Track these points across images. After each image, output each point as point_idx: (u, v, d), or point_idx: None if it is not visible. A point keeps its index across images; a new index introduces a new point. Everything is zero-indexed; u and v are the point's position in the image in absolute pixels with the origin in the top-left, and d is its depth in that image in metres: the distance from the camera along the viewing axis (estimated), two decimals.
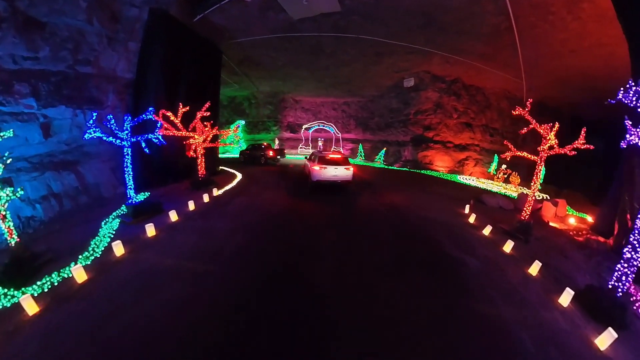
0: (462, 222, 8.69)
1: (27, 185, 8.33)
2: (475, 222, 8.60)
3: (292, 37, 14.41)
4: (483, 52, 14.97)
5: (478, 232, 7.77)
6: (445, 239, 7.16)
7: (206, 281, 4.85)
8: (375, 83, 22.64)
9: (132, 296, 4.41)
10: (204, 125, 11.09)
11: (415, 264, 5.92)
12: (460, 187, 15.61)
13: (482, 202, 11.19)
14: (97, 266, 5.34)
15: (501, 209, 10.69)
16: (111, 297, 4.44)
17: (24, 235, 7.49)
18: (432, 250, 6.57)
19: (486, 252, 6.52)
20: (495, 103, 22.31)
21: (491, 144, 22.81)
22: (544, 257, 6.28)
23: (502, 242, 6.95)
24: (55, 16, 8.04)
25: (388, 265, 5.76)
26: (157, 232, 6.54)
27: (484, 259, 6.17)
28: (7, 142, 8.02)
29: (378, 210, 9.59)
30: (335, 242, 6.80)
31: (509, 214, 10.09)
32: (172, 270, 5.10)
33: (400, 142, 23.85)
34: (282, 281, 5.05)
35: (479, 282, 5.24)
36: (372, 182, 14.63)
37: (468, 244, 6.94)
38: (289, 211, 8.97)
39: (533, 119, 7.35)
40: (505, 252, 6.49)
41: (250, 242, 6.47)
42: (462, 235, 7.50)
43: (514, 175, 16.39)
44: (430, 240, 7.07)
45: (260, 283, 4.91)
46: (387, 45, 15.07)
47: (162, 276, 4.93)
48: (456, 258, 6.11)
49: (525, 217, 7.63)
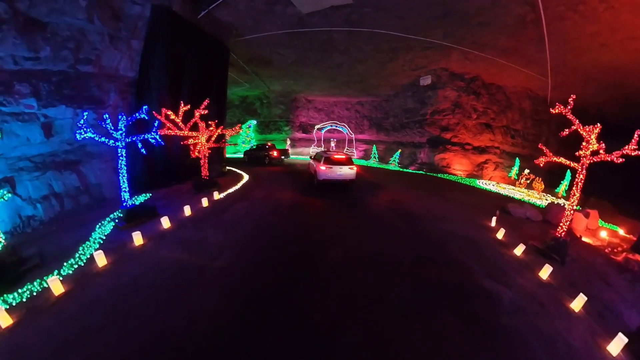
0: (490, 238, 7.66)
1: (28, 184, 8.32)
2: (504, 238, 7.59)
3: (302, 33, 13.81)
4: (506, 46, 13.78)
5: (509, 252, 6.74)
6: (473, 262, 6.07)
7: (180, 310, 4.18)
8: (390, 82, 21.71)
9: (103, 318, 4.00)
10: (207, 125, 10.78)
11: (439, 299, 4.76)
12: (481, 193, 14.46)
13: (508, 212, 10.15)
14: (78, 277, 5.04)
15: (529, 221, 9.62)
16: (82, 316, 4.05)
17: (22, 235, 7.47)
18: (458, 278, 5.44)
19: (521, 279, 5.51)
20: (516, 103, 20.81)
21: (512, 146, 21.31)
22: (584, 284, 5.37)
23: (537, 264, 6.01)
24: (56, 16, 7.94)
25: (405, 303, 4.63)
26: (145, 241, 6.17)
27: (520, 289, 5.16)
28: (9, 142, 8.16)
29: (394, 224, 8.31)
30: (340, 266, 5.73)
31: (538, 226, 9.02)
32: (148, 291, 4.61)
33: (416, 143, 22.77)
34: (269, 321, 4.04)
35: (515, 324, 4.25)
36: (387, 187, 13.73)
37: (499, 268, 5.91)
38: (291, 221, 8.12)
39: (576, 119, 6.34)
40: (542, 280, 5.51)
41: (239, 262, 5.58)
42: (491, 256, 6.46)
43: (537, 181, 15.03)
44: (455, 265, 5.95)
45: (237, 323, 3.99)
46: (403, 40, 14.14)
47: (137, 296, 4.46)
48: (488, 290, 5.04)
49: (561, 234, 6.64)
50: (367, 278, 5.32)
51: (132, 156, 10.05)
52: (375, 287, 5.05)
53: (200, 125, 10.30)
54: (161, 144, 8.36)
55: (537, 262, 6.12)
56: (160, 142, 8.34)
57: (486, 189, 15.51)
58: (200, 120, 10.09)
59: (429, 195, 12.59)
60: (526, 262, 6.23)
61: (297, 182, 13.49)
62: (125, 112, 9.98)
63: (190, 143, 10.14)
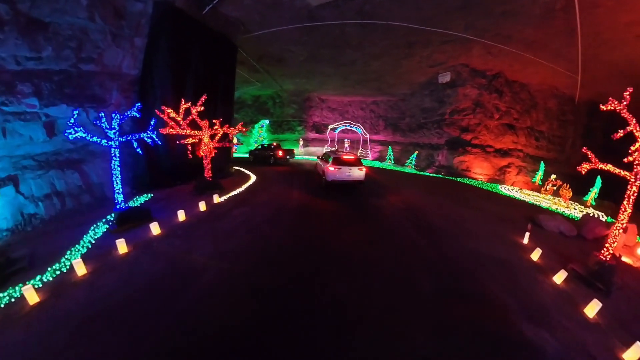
0: (524, 259, 6.57)
1: (31, 182, 8.35)
2: (540, 259, 6.50)
3: (313, 28, 13.23)
4: (532, 39, 12.56)
5: (548, 279, 5.69)
6: (508, 295, 4.98)
7: (141, 344, 3.61)
8: (406, 79, 20.69)
9: (66, 339, 3.61)
10: (212, 123, 10.47)
11: (470, 355, 3.68)
12: (505, 200, 13.21)
13: (539, 225, 9.04)
14: (56, 285, 4.78)
15: (562, 236, 8.47)
16: (47, 333, 3.72)
17: (22, 234, 7.47)
18: (491, 321, 4.31)
19: (565, 320, 4.49)
20: (541, 102, 19.29)
21: (536, 149, 19.79)
22: (636, 324, 4.43)
23: (580, 295, 5.08)
24: (58, 15, 7.88)
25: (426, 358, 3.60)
26: (129, 249, 5.83)
27: (565, 335, 4.15)
28: (12, 141, 8.22)
29: (412, 240, 7.14)
30: (343, 302, 4.47)
31: (574, 243, 7.87)
32: (117, 312, 4.12)
33: (433, 145, 21.61)
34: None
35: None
36: (404, 193, 12.77)
37: (539, 304, 4.85)
38: (290, 235, 7.04)
39: (632, 118, 5.23)
40: (589, 319, 4.54)
41: (219, 289, 4.69)
42: (528, 286, 5.38)
43: (564, 188, 13.54)
44: (487, 300, 4.81)
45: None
46: (420, 33, 13.17)
47: (104, 318, 4.03)
48: (528, 340, 3.99)
49: (606, 258, 5.61)
50: (376, 321, 4.17)
51: (134, 155, 9.94)
52: (387, 333, 3.94)
53: (202, 124, 9.98)
54: (158, 143, 8.11)
55: (580, 292, 5.14)
56: (158, 141, 8.10)
57: (510, 196, 14.23)
58: (199, 118, 9.70)
59: (449, 202, 11.55)
60: (568, 293, 5.20)
61: (303, 185, 12.90)
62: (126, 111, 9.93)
63: (189, 142, 9.79)
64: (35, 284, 4.79)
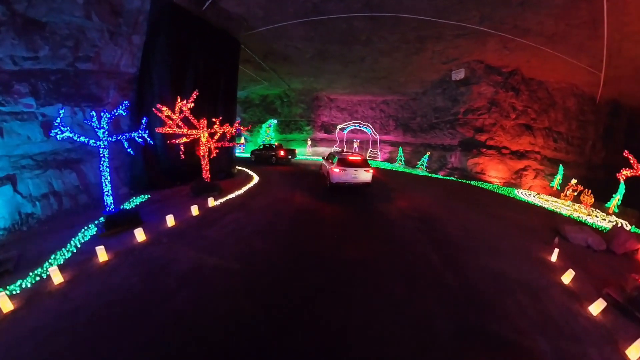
0: (554, 283, 5.63)
1: (29, 182, 8.32)
2: (572, 283, 5.60)
3: (318, 23, 12.70)
4: (553, 31, 11.60)
5: (583, 310, 4.78)
6: (541, 335, 4.07)
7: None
8: (418, 77, 19.88)
9: (29, 354, 3.36)
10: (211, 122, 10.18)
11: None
12: (523, 206, 12.26)
13: (564, 237, 8.13)
14: (32, 294, 4.56)
15: (590, 250, 7.57)
16: (10, 346, 3.48)
17: (17, 234, 7.41)
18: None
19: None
20: (560, 101, 18.07)
21: (555, 151, 18.56)
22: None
23: (620, 329, 4.34)
24: (54, 15, 7.78)
25: None
26: (110, 257, 5.52)
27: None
28: (10, 140, 8.20)
29: (426, 258, 6.24)
30: (338, 349, 3.65)
31: (605, 260, 6.97)
32: (79, 333, 3.76)
33: (446, 146, 20.69)
34: None
35: None
36: (416, 197, 11.93)
37: (576, 344, 4.00)
38: (283, 249, 6.27)
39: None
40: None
41: (194, 311, 4.13)
42: (562, 321, 4.51)
43: (585, 194, 12.44)
44: (515, 344, 3.90)
45: None
46: (432, 26, 12.41)
47: (70, 332, 3.74)
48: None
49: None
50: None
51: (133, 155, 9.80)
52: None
53: (199, 123, 9.71)
54: (150, 142, 7.88)
55: (620, 325, 4.38)
56: (150, 140, 7.87)
57: (528, 202, 13.24)
58: (193, 116, 9.39)
59: (465, 209, 10.67)
60: (607, 329, 4.36)
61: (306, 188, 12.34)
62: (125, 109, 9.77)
63: (181, 142, 9.49)
64: (15, 289, 4.61)
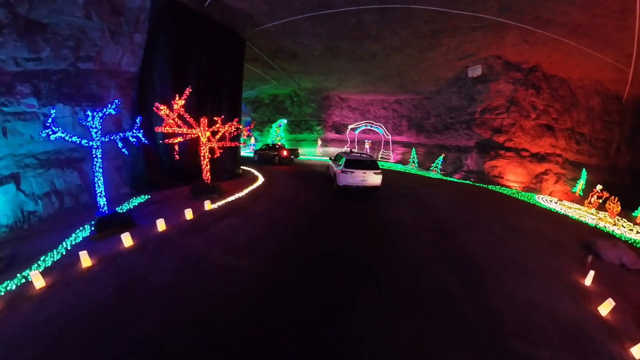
0: (591, 316, 4.82)
1: (32, 181, 8.47)
2: (611, 315, 4.79)
3: (326, 17, 12.20)
4: (578, 22, 10.61)
5: (626, 353, 3.99)
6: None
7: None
8: (432, 75, 18.99)
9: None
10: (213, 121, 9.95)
11: None
12: (546, 215, 11.23)
13: (595, 253, 7.24)
14: (14, 297, 4.47)
15: (624, 269, 6.64)
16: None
17: (18, 231, 7.51)
18: None
19: None
20: (583, 100, 16.73)
21: (577, 154, 17.24)
22: None
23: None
24: (56, 16, 7.85)
25: None
26: (93, 263, 5.33)
27: None
28: (14, 140, 8.33)
29: (443, 284, 5.31)
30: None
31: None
32: (51, 342, 3.59)
33: (461, 147, 19.69)
34: None
35: None
36: (430, 205, 10.98)
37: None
38: (273, 271, 5.38)
39: None
40: None
41: (154, 341, 3.61)
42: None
43: (611, 201, 11.29)
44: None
45: None
46: (447, 18, 11.60)
47: (40, 343, 3.57)
48: None
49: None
50: None
51: (134, 155, 9.79)
52: None
53: (201, 122, 9.50)
54: (145, 142, 7.75)
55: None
56: (144, 140, 7.74)
57: (551, 209, 12.19)
58: (190, 114, 9.15)
59: (484, 218, 9.74)
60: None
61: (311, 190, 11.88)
62: (126, 109, 9.76)
63: (175, 142, 9.28)
64: (0, 290, 4.55)
